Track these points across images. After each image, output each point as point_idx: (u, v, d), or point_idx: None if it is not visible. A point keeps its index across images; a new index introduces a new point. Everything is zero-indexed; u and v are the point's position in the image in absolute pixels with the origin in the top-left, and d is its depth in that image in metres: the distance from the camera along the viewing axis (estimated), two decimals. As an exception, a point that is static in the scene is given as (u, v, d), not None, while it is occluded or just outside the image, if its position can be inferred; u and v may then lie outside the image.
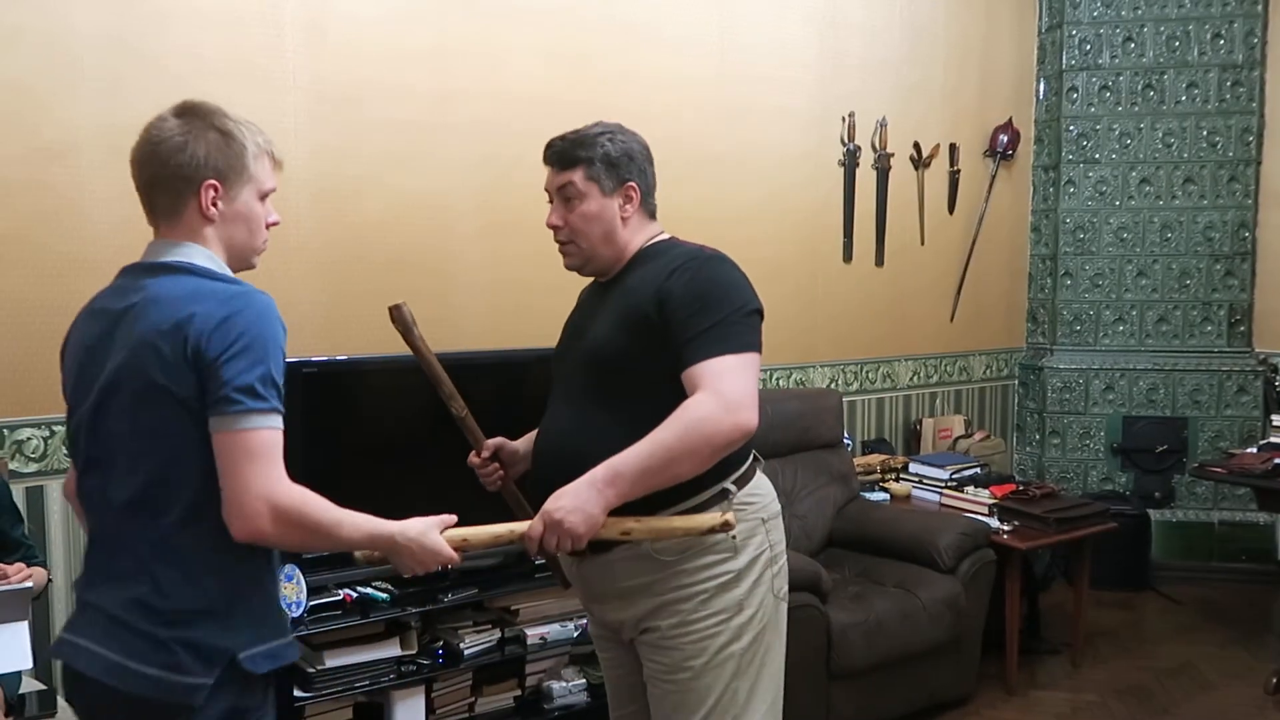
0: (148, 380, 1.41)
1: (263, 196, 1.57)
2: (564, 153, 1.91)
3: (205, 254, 1.51)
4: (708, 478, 1.78)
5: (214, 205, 1.50)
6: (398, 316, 1.91)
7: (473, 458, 2.05)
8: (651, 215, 1.97)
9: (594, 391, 1.87)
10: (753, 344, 1.75)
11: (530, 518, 1.74)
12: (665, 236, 1.97)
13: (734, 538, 1.82)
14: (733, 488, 1.83)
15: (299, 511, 1.43)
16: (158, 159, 1.50)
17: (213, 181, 1.50)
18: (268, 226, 1.59)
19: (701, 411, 1.66)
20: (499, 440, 2.07)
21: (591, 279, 2.05)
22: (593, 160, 1.88)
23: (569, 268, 1.99)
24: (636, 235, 1.93)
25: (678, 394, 1.72)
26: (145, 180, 1.52)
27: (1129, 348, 4.97)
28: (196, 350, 1.39)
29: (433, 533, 1.60)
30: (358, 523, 1.51)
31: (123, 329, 1.46)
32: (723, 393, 1.67)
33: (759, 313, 1.80)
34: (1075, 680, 3.71)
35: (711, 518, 1.72)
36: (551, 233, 2.00)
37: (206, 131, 1.50)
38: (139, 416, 1.43)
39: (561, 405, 1.96)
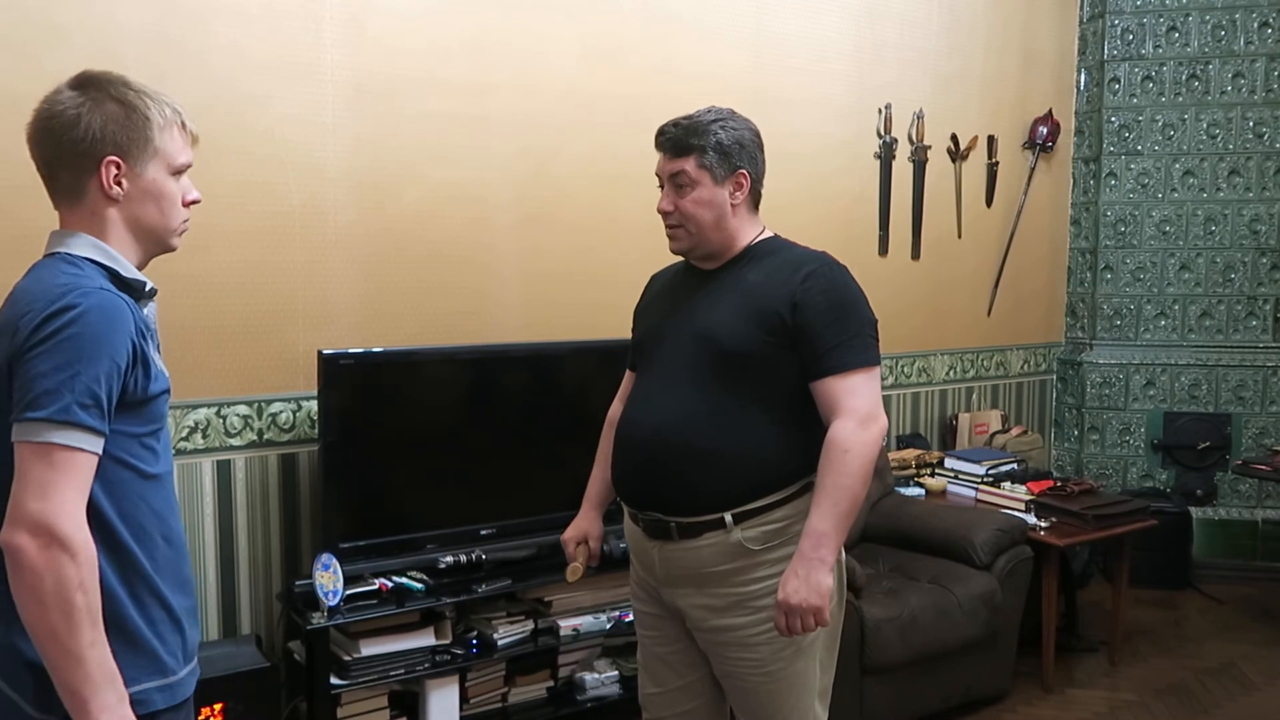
0: None
1: (176, 172, 1.43)
2: (678, 140, 1.93)
3: (93, 244, 1.37)
4: (801, 469, 1.90)
5: (117, 184, 1.37)
6: None
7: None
8: (756, 203, 2.03)
9: (709, 375, 1.90)
10: (877, 357, 1.90)
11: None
12: (771, 234, 2.03)
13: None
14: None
15: (75, 557, 1.22)
16: (52, 135, 1.36)
17: (113, 157, 1.36)
18: (187, 205, 1.46)
19: (850, 441, 1.80)
20: (579, 537, 2.21)
21: (679, 266, 2.12)
22: (705, 149, 1.91)
23: (677, 251, 2.02)
24: (745, 226, 1.99)
25: (790, 386, 1.88)
26: (43, 159, 1.39)
27: (1170, 342, 4.89)
28: (16, 346, 1.26)
29: None
30: (105, 656, 1.25)
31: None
32: (857, 410, 1.82)
33: (877, 323, 1.94)
34: (1113, 679, 3.66)
35: None
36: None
37: (104, 103, 1.36)
38: None
39: (665, 386, 1.96)
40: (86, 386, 1.25)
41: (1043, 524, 3.59)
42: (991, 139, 4.63)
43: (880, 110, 4.21)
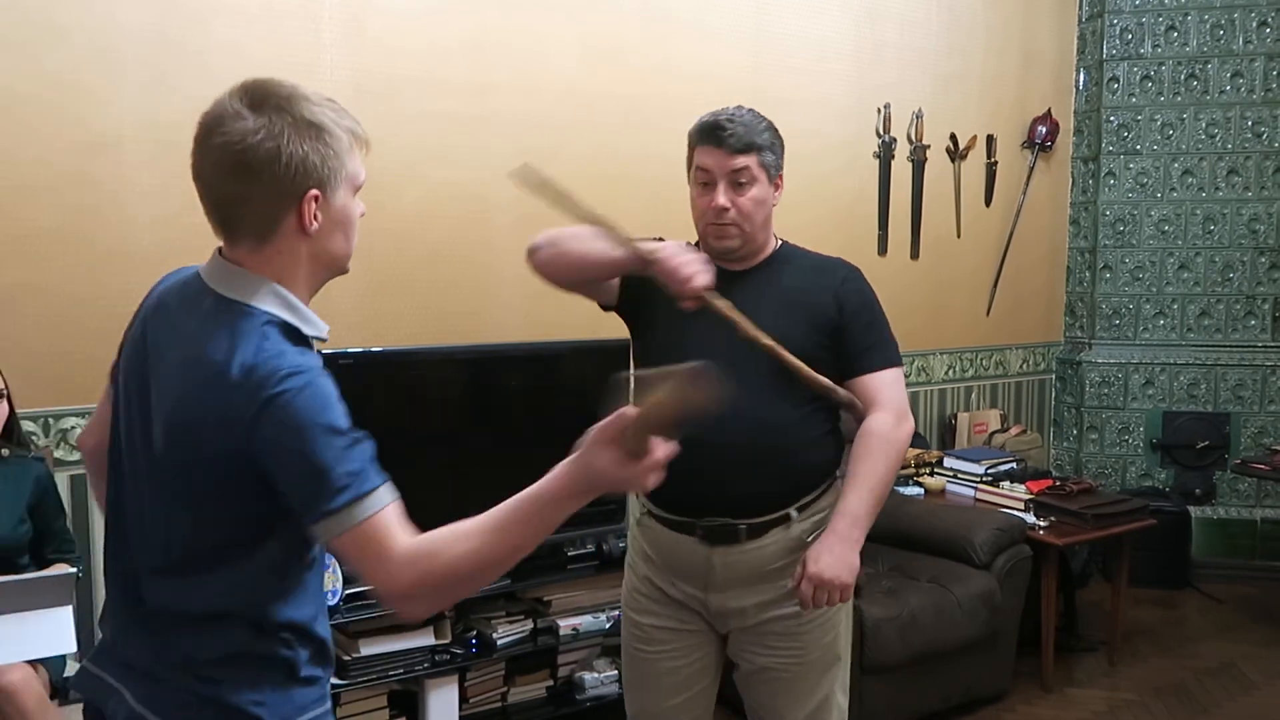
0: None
1: (356, 191, 1.28)
2: (742, 137, 1.92)
3: (276, 295, 1.23)
4: (838, 460, 2.03)
5: (315, 219, 1.21)
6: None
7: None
8: None
9: (772, 379, 1.87)
10: (900, 357, 2.02)
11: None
12: (783, 240, 2.08)
13: None
14: None
15: None
16: (249, 170, 1.16)
17: (316, 191, 1.19)
18: None
19: (889, 433, 1.91)
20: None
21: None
22: (764, 147, 1.94)
23: (725, 249, 1.95)
24: (771, 228, 2.04)
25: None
26: (227, 196, 1.19)
27: (1169, 342, 4.89)
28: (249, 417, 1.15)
29: (606, 461, 1.14)
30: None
31: (175, 368, 1.22)
32: (893, 405, 1.94)
33: None
34: (1113, 678, 3.67)
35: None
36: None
37: (300, 128, 1.19)
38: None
39: (733, 392, 1.93)
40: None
41: (1042, 523, 3.59)
42: (990, 139, 4.64)
43: (879, 110, 4.21)
